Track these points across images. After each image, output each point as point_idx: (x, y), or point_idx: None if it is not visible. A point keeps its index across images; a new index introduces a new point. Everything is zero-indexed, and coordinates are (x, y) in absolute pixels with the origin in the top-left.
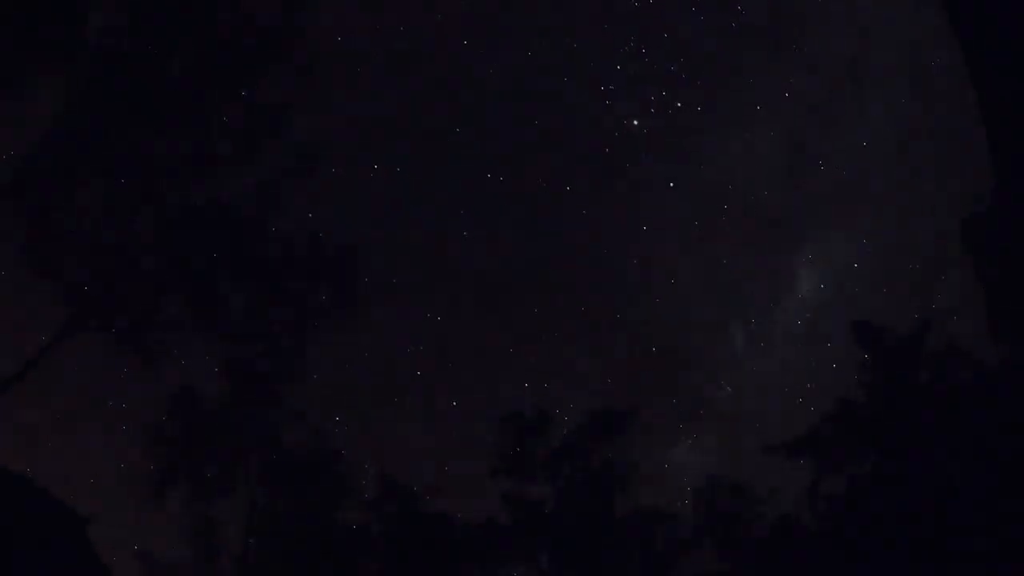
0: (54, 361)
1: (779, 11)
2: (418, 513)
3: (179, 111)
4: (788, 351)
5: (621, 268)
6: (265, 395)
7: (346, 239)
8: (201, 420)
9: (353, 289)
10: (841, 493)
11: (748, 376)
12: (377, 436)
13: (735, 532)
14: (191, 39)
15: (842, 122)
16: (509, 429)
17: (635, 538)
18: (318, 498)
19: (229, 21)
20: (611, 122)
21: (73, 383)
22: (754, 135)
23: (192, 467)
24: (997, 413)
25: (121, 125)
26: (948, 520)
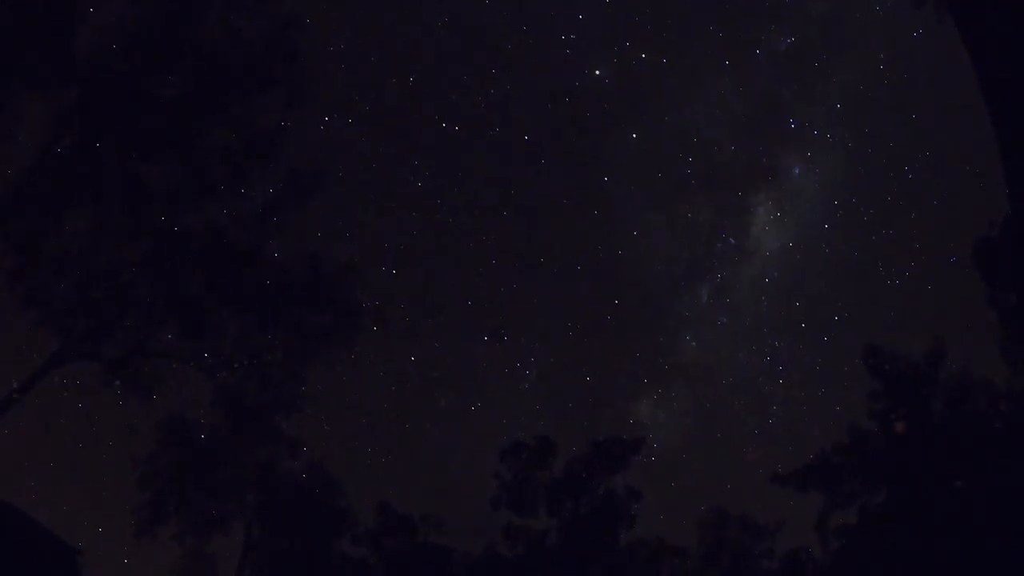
0: (44, 390)
1: None
2: (418, 545)
3: (171, 135)
4: (755, 305)
5: (582, 220)
6: (261, 425)
7: (343, 262)
8: (195, 450)
9: (351, 315)
10: (853, 525)
11: (714, 330)
12: (376, 466)
13: (743, 566)
14: (183, 62)
15: (815, 82)
16: (511, 460)
17: (639, 571)
18: (316, 530)
19: (221, 44)
20: (573, 72)
21: (64, 413)
22: (722, 89)
23: (186, 498)
24: (1013, 441)
25: (111, 149)
26: (965, 554)
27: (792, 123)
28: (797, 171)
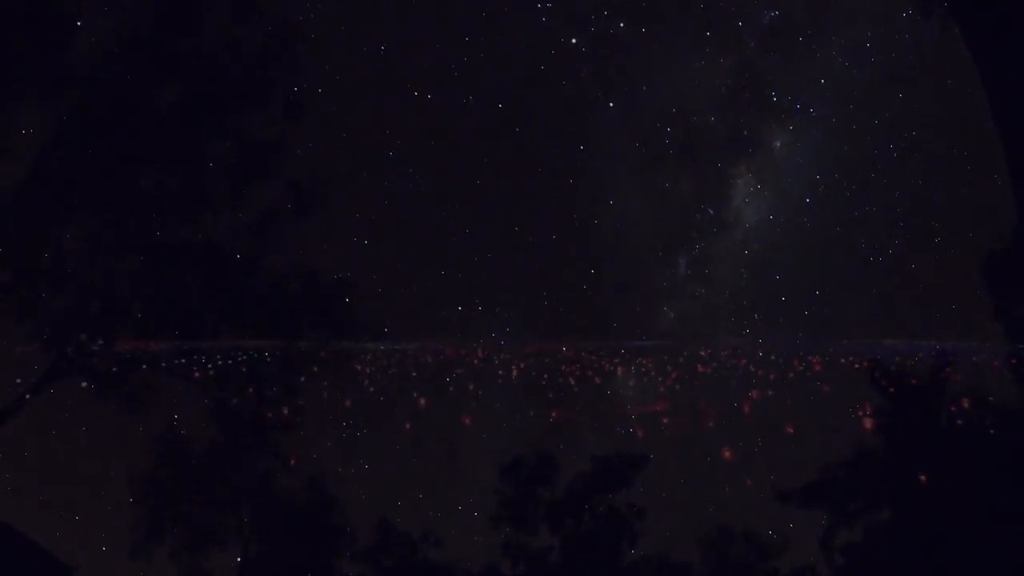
0: (37, 407)
1: None
2: (416, 562)
3: (167, 146)
4: (734, 278)
5: (558, 189)
6: (258, 440)
7: (338, 271)
8: (191, 466)
9: (348, 328)
10: (858, 542)
11: (692, 302)
12: (374, 482)
13: None
14: (181, 72)
15: (798, 56)
16: (512, 475)
17: None
18: (312, 547)
19: (220, 52)
20: (547, 40)
21: (57, 429)
22: (703, 60)
23: (181, 515)
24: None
25: (108, 159)
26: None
27: (774, 96)
28: (779, 144)
